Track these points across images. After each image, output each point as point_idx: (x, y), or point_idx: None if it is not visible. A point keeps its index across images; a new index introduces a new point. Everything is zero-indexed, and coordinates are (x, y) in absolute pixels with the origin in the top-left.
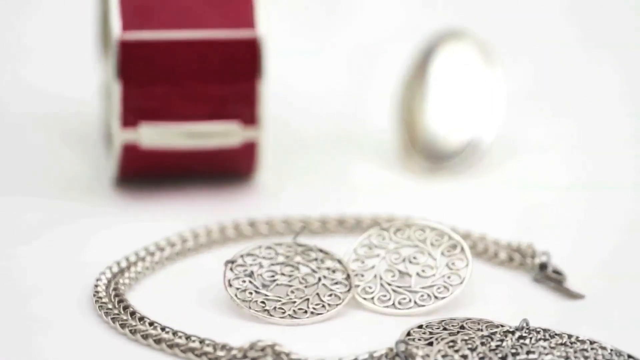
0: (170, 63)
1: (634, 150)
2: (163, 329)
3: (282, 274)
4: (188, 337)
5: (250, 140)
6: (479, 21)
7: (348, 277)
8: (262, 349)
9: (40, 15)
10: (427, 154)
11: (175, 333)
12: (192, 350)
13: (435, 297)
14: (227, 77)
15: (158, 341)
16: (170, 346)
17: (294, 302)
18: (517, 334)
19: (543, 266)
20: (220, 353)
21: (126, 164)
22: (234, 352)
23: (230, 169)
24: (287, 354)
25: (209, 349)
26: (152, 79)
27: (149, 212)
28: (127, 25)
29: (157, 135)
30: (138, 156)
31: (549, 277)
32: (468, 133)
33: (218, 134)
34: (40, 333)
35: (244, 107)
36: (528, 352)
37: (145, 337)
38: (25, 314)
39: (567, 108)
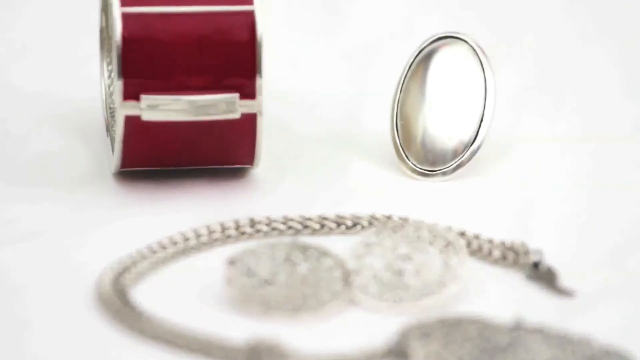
0: (169, 36)
1: (631, 147)
2: (166, 325)
3: (282, 272)
4: (190, 334)
5: (249, 113)
6: (475, 17)
7: (346, 274)
8: (262, 345)
9: (45, 17)
10: (422, 158)
11: (178, 330)
12: (195, 346)
13: (431, 294)
14: (225, 50)
15: (161, 338)
16: (174, 342)
17: (293, 299)
18: (512, 329)
19: (536, 264)
20: (221, 349)
21: (129, 141)
22: (234, 348)
23: (232, 148)
24: (286, 350)
25: (211, 345)
26: (151, 52)
27: (151, 208)
28: (125, 2)
29: (158, 107)
30: (140, 131)
31: (541, 274)
32: (463, 135)
33: (218, 106)
34: (42, 330)
35: (242, 79)
36: (522, 348)
37: (149, 333)
38: (26, 310)
39: (561, 106)
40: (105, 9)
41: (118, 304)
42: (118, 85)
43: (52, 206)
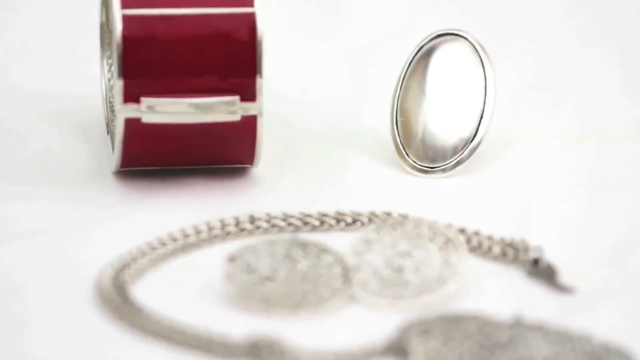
0: (169, 38)
1: (631, 147)
2: (166, 322)
3: (282, 269)
4: (190, 330)
5: (249, 115)
6: (475, 16)
7: (346, 271)
8: (262, 342)
9: (45, 17)
10: (421, 154)
11: (178, 326)
12: (195, 343)
13: (431, 291)
14: (226, 52)
15: (161, 334)
16: (174, 339)
17: (293, 295)
18: (511, 326)
19: (536, 261)
20: (221, 345)
21: (129, 142)
22: (234, 344)
23: (232, 149)
24: (286, 347)
25: (211, 342)
26: (152, 54)
27: (150, 205)
28: (126, 3)
29: (158, 110)
30: (140, 133)
31: (541, 271)
32: (463, 132)
33: (218, 108)
34: (42, 328)
35: (242, 82)
36: (522, 345)
37: (149, 330)
38: (26, 308)
39: (561, 105)
40: (106, 3)
41: (118, 300)
42: (118, 87)
43: (52, 204)
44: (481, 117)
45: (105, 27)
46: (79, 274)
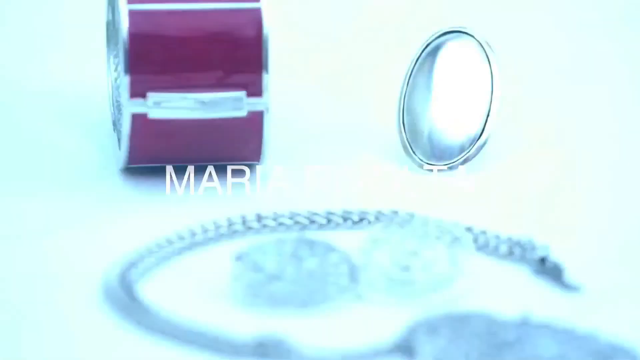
0: (175, 33)
1: (634, 145)
2: (173, 320)
3: (289, 267)
4: (197, 329)
5: (256, 110)
6: (480, 17)
7: (353, 270)
8: (269, 340)
9: (52, 15)
10: (428, 152)
11: (185, 325)
12: (202, 341)
13: (438, 290)
14: (232, 47)
15: (168, 333)
16: (181, 338)
17: (300, 294)
18: (519, 325)
19: (543, 259)
20: (228, 344)
21: (135, 138)
22: (241, 343)
23: (238, 145)
24: (293, 345)
25: (218, 340)
26: (158, 49)
27: (157, 204)
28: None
29: (164, 105)
30: (146, 129)
31: (548, 270)
32: (470, 130)
33: (224, 103)
34: (49, 325)
35: (249, 77)
36: (529, 343)
37: (156, 328)
38: (34, 305)
39: (567, 104)
40: (112, 2)
41: (125, 299)
42: (125, 82)
43: (58, 203)
44: (488, 114)
45: (112, 26)
46: (86, 272)
